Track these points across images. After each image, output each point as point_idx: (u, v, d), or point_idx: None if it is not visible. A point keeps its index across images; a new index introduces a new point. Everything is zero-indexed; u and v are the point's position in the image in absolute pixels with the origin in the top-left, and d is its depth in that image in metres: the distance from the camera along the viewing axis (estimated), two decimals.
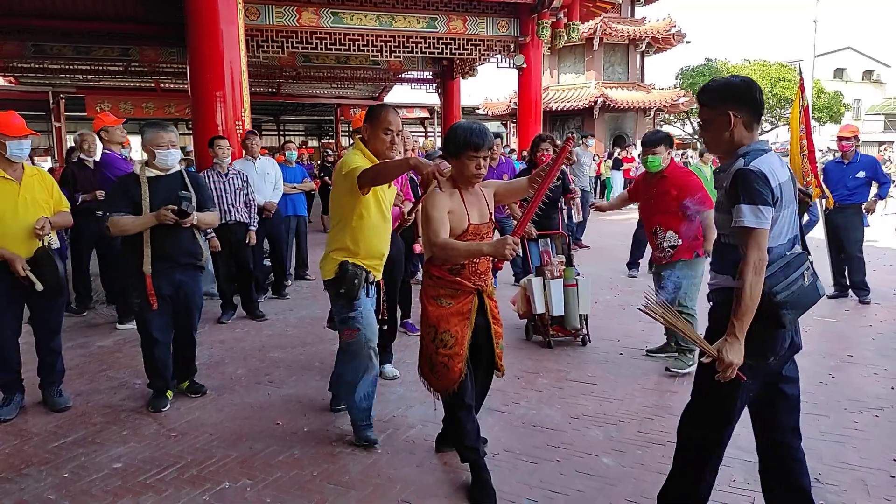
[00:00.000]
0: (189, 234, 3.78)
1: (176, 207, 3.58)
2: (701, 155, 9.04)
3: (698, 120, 2.38)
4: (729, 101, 2.17)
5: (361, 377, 3.23)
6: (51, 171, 6.31)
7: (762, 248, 2.06)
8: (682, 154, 19.61)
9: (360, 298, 3.14)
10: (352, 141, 5.03)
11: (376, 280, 3.31)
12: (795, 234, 2.23)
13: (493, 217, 2.94)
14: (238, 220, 5.83)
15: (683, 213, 4.15)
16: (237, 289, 6.08)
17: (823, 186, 6.10)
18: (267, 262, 7.02)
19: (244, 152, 6.53)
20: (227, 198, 5.77)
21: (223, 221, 5.74)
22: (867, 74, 44.54)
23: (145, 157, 3.83)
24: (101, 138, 5.64)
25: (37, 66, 12.58)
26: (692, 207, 4.11)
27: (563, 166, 3.00)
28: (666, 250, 4.29)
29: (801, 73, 6.68)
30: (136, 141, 5.40)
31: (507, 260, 2.53)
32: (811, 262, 2.23)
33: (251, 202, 5.98)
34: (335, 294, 3.14)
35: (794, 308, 2.12)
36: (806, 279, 2.15)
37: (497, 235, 3.02)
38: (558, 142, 5.33)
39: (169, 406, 3.83)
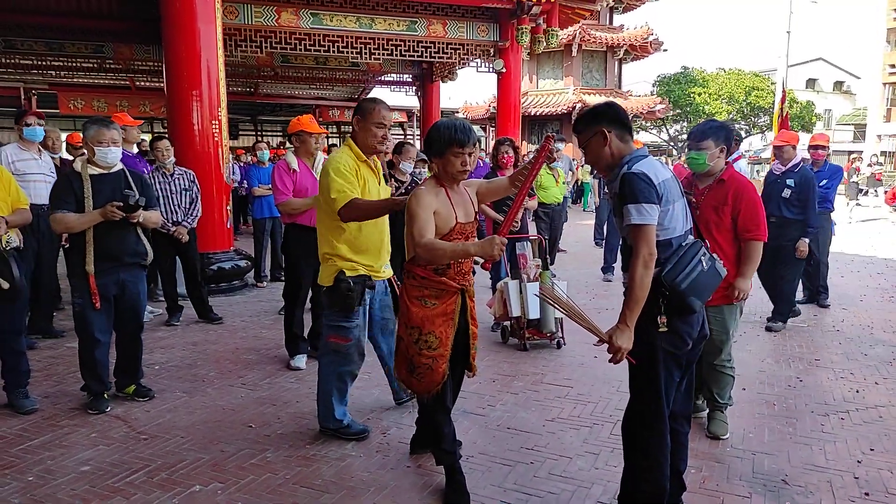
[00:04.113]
0: (133, 233, 3.72)
1: (122, 203, 3.53)
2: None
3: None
4: (598, 121, 2.36)
5: (348, 381, 3.23)
6: None
7: (650, 243, 2.20)
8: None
9: (356, 311, 3.11)
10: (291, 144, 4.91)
11: (385, 279, 3.29)
12: (689, 227, 2.41)
13: (477, 216, 2.91)
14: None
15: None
16: (188, 292, 5.97)
17: None
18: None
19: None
20: (172, 198, 5.68)
21: (170, 222, 5.67)
22: (838, 85, 45.58)
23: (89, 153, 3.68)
24: None
25: (7, 61, 12.29)
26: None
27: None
28: None
29: (784, 89, 6.46)
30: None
31: (496, 259, 2.52)
32: (707, 248, 2.40)
33: (197, 201, 5.87)
34: (330, 304, 3.10)
35: (699, 292, 2.28)
36: (704, 264, 2.31)
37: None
38: (531, 146, 5.35)
39: (111, 407, 3.77)
